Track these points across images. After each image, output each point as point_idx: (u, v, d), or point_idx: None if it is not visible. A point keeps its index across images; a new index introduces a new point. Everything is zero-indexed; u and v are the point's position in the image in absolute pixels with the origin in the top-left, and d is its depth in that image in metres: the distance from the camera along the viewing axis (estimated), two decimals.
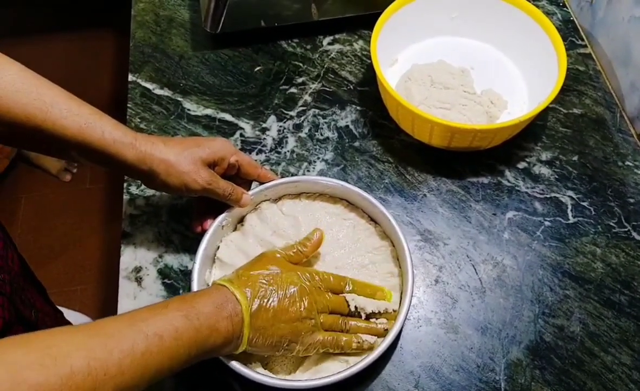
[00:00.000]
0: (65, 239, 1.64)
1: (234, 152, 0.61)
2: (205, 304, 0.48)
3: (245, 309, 0.49)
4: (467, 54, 0.79)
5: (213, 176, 0.58)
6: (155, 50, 0.84)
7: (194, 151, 0.57)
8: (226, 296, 0.49)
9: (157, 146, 0.56)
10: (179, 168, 0.56)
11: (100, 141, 0.53)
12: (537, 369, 0.58)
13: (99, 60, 2.01)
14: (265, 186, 0.63)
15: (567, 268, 0.64)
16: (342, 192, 0.64)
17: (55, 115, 0.51)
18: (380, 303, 0.57)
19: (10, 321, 0.53)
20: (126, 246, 0.66)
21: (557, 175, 0.71)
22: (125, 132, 0.55)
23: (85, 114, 0.53)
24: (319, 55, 0.83)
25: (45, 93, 0.52)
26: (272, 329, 0.50)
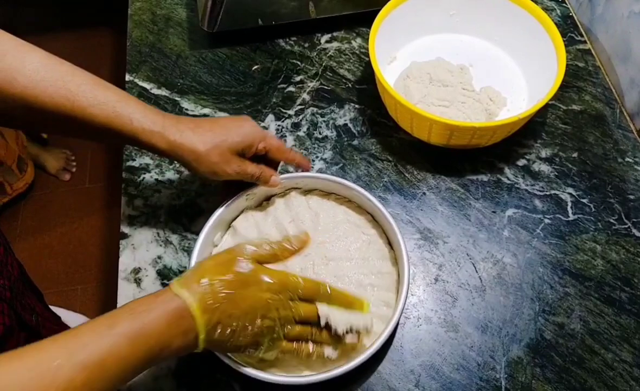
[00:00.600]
0: (65, 239, 1.64)
1: (262, 138, 0.60)
2: (157, 324, 0.44)
3: (202, 329, 0.45)
4: (465, 51, 0.78)
5: (242, 164, 0.58)
6: (153, 49, 0.84)
7: (223, 140, 0.57)
8: (182, 313, 0.45)
9: (186, 134, 0.56)
10: (209, 159, 0.56)
11: (130, 129, 0.54)
12: (538, 367, 0.58)
13: (96, 59, 2.00)
14: (297, 174, 0.64)
15: (567, 265, 0.64)
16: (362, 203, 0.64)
17: (83, 103, 0.51)
18: (353, 322, 0.52)
19: (11, 326, 0.53)
20: (125, 247, 0.66)
21: (557, 172, 0.71)
22: (154, 120, 0.55)
23: (112, 100, 0.53)
24: (317, 54, 0.83)
25: (71, 80, 0.52)
26: (231, 343, 0.48)
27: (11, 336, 0.53)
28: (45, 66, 0.51)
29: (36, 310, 0.61)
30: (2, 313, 0.52)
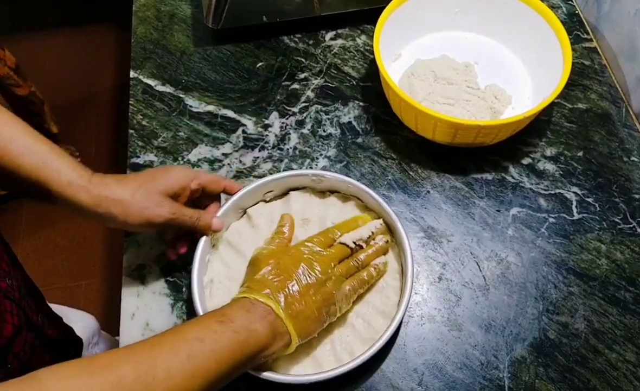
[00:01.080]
0: (68, 235, 1.65)
1: (194, 177, 0.59)
2: (234, 311, 0.49)
3: (276, 306, 0.50)
4: (470, 49, 0.78)
5: (176, 206, 0.56)
6: (157, 46, 0.84)
7: (150, 186, 0.55)
8: (251, 302, 0.50)
9: (111, 187, 0.54)
10: (138, 205, 0.54)
11: (56, 182, 0.52)
12: (541, 366, 0.58)
13: (99, 56, 2.01)
14: (299, 172, 0.64)
15: (571, 264, 0.64)
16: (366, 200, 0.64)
17: (14, 152, 0.50)
18: (369, 225, 0.60)
19: (20, 325, 0.53)
20: (129, 244, 0.66)
21: (562, 171, 0.70)
22: (82, 174, 0.53)
23: (43, 152, 0.52)
24: (321, 51, 0.83)
25: (4, 129, 0.51)
26: (308, 307, 0.51)
27: (19, 336, 0.53)
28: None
29: (43, 310, 0.62)
30: (12, 313, 0.52)
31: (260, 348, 0.48)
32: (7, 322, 0.51)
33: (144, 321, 0.61)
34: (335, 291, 0.54)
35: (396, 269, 0.61)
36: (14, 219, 1.67)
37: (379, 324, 0.57)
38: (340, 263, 0.56)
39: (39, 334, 0.58)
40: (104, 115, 1.72)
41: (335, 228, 0.59)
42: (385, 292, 0.60)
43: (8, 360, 0.52)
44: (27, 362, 0.55)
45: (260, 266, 0.54)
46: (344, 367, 0.52)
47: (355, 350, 0.56)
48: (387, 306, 0.59)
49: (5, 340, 0.50)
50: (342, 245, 0.57)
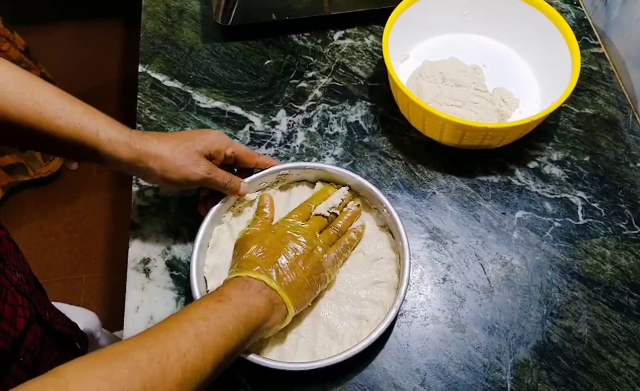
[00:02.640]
0: (71, 227, 1.65)
1: (230, 144, 0.61)
2: (230, 290, 0.50)
3: (269, 280, 0.52)
4: (479, 51, 0.78)
5: (212, 166, 0.59)
6: (166, 41, 0.84)
7: (189, 144, 0.57)
8: (244, 280, 0.52)
9: (152, 142, 0.56)
10: (176, 163, 0.56)
11: (96, 140, 0.53)
12: (544, 370, 0.58)
13: (105, 50, 2.01)
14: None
15: (576, 269, 0.64)
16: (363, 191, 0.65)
17: (50, 115, 0.51)
18: (337, 193, 0.63)
19: (31, 319, 0.54)
20: (134, 238, 0.66)
21: (568, 175, 0.71)
22: (120, 131, 0.55)
23: (79, 112, 0.53)
24: (329, 50, 0.83)
25: (39, 93, 0.52)
26: (299, 278, 0.54)
27: (30, 330, 0.53)
28: (14, 79, 0.51)
29: (47, 306, 0.62)
30: (23, 306, 0.53)
31: (262, 321, 0.50)
32: (19, 315, 0.52)
33: (148, 314, 0.62)
34: (322, 259, 0.56)
35: (394, 264, 0.62)
36: (15, 211, 1.67)
37: (375, 316, 0.58)
38: (321, 233, 0.59)
39: (48, 328, 0.59)
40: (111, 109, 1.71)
41: (309, 202, 0.61)
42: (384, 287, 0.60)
43: (20, 353, 0.52)
44: (38, 356, 0.55)
45: (246, 246, 0.55)
46: (343, 355, 0.53)
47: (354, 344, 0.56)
48: (386, 301, 0.59)
49: (18, 333, 0.51)
50: (319, 216, 0.60)
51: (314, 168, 0.65)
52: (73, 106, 0.53)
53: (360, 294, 0.60)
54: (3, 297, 0.49)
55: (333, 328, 0.58)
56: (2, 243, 0.55)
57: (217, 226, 0.64)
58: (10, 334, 0.49)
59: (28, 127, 0.51)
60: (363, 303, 0.59)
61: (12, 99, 0.50)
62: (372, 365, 0.58)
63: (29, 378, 0.53)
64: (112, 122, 0.55)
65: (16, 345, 0.51)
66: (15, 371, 0.51)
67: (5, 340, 0.48)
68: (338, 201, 0.62)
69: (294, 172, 0.66)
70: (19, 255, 0.59)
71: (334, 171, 0.64)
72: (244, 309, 0.48)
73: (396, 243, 0.62)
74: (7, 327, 0.49)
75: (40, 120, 0.51)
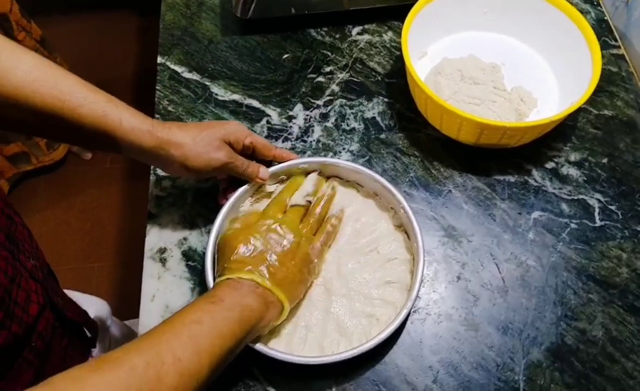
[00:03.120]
0: (83, 217, 1.66)
1: (248, 135, 0.62)
2: (223, 291, 0.51)
3: (262, 280, 0.52)
4: (497, 50, 0.78)
5: (232, 153, 0.60)
6: (185, 33, 0.84)
7: (210, 132, 0.58)
8: (236, 281, 0.52)
9: (173, 131, 0.57)
10: (198, 149, 0.57)
11: (119, 128, 0.54)
12: (557, 371, 0.58)
13: (120, 41, 2.01)
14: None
15: (591, 271, 0.64)
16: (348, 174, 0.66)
17: (73, 103, 0.52)
18: (308, 179, 0.64)
19: (44, 305, 0.55)
20: (151, 227, 0.67)
21: (586, 177, 0.70)
22: (143, 120, 0.56)
23: (102, 101, 0.54)
24: (347, 45, 0.83)
25: (62, 81, 0.52)
26: (290, 272, 0.54)
27: (42, 316, 0.54)
28: (38, 67, 0.51)
29: (59, 293, 0.63)
30: (36, 292, 0.53)
31: (256, 320, 0.50)
32: (32, 301, 0.52)
33: (163, 303, 0.62)
34: (310, 250, 0.57)
35: (408, 265, 0.61)
36: (28, 198, 1.68)
37: (386, 316, 0.58)
38: (301, 222, 0.60)
39: (60, 315, 0.59)
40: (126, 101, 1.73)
41: (282, 195, 0.62)
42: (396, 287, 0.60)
43: (33, 338, 0.53)
44: (49, 342, 0.56)
45: (232, 246, 0.55)
46: (347, 353, 0.53)
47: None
48: (397, 301, 0.59)
49: (32, 318, 0.51)
50: (296, 206, 0.61)
51: (332, 164, 0.65)
52: (96, 94, 0.54)
53: (372, 293, 0.60)
54: (17, 283, 0.50)
55: (343, 325, 0.58)
56: (17, 229, 0.55)
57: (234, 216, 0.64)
58: (23, 319, 0.50)
59: (51, 115, 0.51)
60: (374, 302, 0.59)
61: (37, 87, 0.50)
62: (384, 360, 0.58)
63: (40, 363, 0.54)
64: (134, 111, 0.56)
65: (29, 330, 0.51)
66: (27, 355, 0.51)
67: (18, 324, 0.49)
68: (311, 187, 0.63)
69: (313, 166, 0.66)
70: (32, 242, 0.60)
71: (352, 168, 0.64)
72: (238, 309, 0.49)
73: (411, 244, 0.62)
74: (21, 312, 0.49)
75: (63, 108, 0.51)
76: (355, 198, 0.66)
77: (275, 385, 0.57)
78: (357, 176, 0.65)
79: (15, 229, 0.54)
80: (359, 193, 0.66)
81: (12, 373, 0.50)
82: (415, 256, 0.59)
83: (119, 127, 0.54)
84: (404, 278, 0.60)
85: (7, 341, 0.46)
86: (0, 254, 0.47)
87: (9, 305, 0.47)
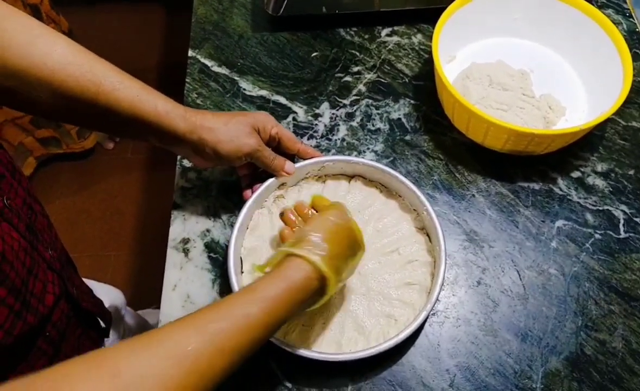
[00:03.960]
0: (102, 206, 1.68)
1: (275, 125, 0.63)
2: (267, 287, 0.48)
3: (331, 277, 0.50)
4: (526, 56, 0.77)
5: (261, 141, 0.61)
6: (216, 28, 0.85)
7: (241, 119, 0.60)
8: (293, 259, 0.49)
9: (206, 116, 0.58)
10: (229, 134, 0.58)
11: (153, 113, 0.55)
12: (575, 381, 0.57)
13: (147, 35, 2.03)
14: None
15: (614, 283, 0.63)
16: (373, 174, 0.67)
17: (108, 87, 0.52)
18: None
19: (60, 295, 0.55)
20: (176, 217, 0.68)
21: (612, 188, 0.70)
22: (176, 105, 0.57)
23: (136, 87, 0.54)
24: (376, 46, 0.83)
25: (96, 66, 0.53)
26: (340, 247, 0.51)
27: (58, 306, 0.55)
28: (73, 52, 0.52)
29: (75, 283, 0.63)
30: (53, 283, 0.53)
31: (300, 306, 0.49)
32: (48, 292, 0.52)
33: (184, 293, 0.63)
34: (356, 231, 0.54)
35: (429, 268, 0.62)
36: (50, 184, 1.71)
37: (404, 317, 0.58)
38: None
39: (74, 306, 0.60)
40: None
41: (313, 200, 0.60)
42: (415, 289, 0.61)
43: (47, 328, 0.53)
44: (63, 331, 0.56)
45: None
46: (364, 352, 0.54)
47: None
48: (416, 303, 0.59)
49: (47, 309, 0.51)
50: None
51: (356, 163, 0.65)
52: (130, 80, 0.54)
53: (392, 293, 0.60)
54: (34, 273, 0.50)
55: (361, 324, 0.58)
56: (37, 219, 0.56)
57: (258, 209, 0.65)
58: (39, 310, 0.50)
59: (86, 100, 0.52)
60: (393, 303, 0.59)
61: (72, 71, 0.51)
62: (401, 361, 0.59)
63: (54, 352, 0.54)
64: (167, 98, 0.57)
65: (44, 320, 0.51)
66: (40, 344, 0.52)
67: (34, 315, 0.49)
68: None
69: (337, 165, 0.66)
70: (52, 231, 0.60)
71: (377, 167, 0.65)
72: (289, 285, 0.47)
73: (433, 247, 0.62)
74: (36, 303, 0.50)
75: (98, 92, 0.52)
76: (378, 198, 0.66)
77: (292, 380, 0.58)
78: (380, 176, 0.66)
79: (35, 219, 0.55)
80: (382, 194, 0.67)
81: (26, 362, 0.51)
82: (437, 259, 0.59)
83: (153, 112, 0.54)
84: (424, 280, 0.60)
85: (22, 331, 0.47)
86: (20, 245, 0.48)
87: (25, 295, 0.47)
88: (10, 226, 0.47)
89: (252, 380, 0.58)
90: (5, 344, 0.45)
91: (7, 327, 0.45)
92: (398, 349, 0.56)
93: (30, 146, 1.60)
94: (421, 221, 0.64)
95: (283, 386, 0.57)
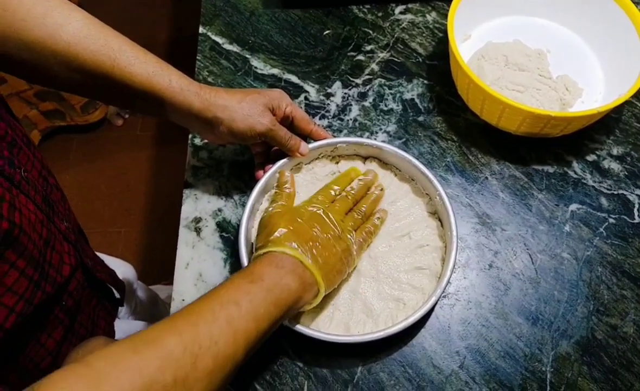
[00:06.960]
0: (112, 182, 1.69)
1: (289, 103, 0.63)
2: (263, 268, 0.49)
3: (305, 259, 0.51)
4: (543, 36, 0.76)
5: (275, 120, 0.60)
6: (227, 4, 0.84)
7: (255, 97, 0.59)
8: (278, 257, 0.50)
9: (220, 93, 0.57)
10: (243, 112, 0.57)
11: (168, 89, 0.54)
12: (585, 365, 0.57)
13: (156, 12, 2.01)
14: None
15: (627, 268, 0.63)
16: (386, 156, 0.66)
17: (123, 62, 0.52)
18: (361, 178, 0.63)
19: (76, 266, 0.56)
20: (187, 196, 0.68)
21: (627, 172, 0.69)
22: (190, 82, 0.56)
23: (151, 62, 0.54)
24: (389, 24, 0.82)
25: (112, 40, 0.52)
26: (331, 258, 0.53)
27: (73, 277, 0.55)
28: (89, 25, 0.52)
29: (89, 255, 0.64)
30: (69, 254, 0.54)
31: (293, 302, 0.49)
32: (65, 262, 0.53)
33: (197, 271, 0.63)
34: (350, 243, 0.56)
35: (440, 253, 0.61)
36: (60, 156, 1.71)
37: (414, 301, 0.58)
38: (347, 215, 0.59)
39: (89, 276, 0.61)
40: None
41: (332, 184, 0.61)
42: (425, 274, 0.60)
43: (64, 297, 0.54)
44: (78, 301, 0.57)
45: (277, 224, 0.54)
46: (372, 335, 0.54)
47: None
48: (426, 288, 0.59)
49: (64, 279, 0.53)
50: (344, 198, 0.60)
51: (371, 145, 0.65)
52: (146, 55, 0.54)
53: (402, 277, 0.60)
54: (52, 245, 0.50)
55: (370, 306, 0.58)
56: (52, 191, 0.56)
57: (269, 191, 0.64)
58: (56, 280, 0.51)
59: (101, 74, 0.52)
60: (403, 287, 0.59)
61: (87, 44, 0.51)
62: (412, 342, 0.59)
63: (70, 321, 0.55)
64: (182, 74, 0.56)
65: (61, 289, 0.52)
66: (58, 313, 0.53)
67: (52, 285, 0.50)
68: (359, 183, 0.62)
69: (350, 147, 0.66)
70: (65, 203, 0.61)
71: (390, 150, 0.64)
72: (277, 290, 0.48)
73: (444, 233, 0.61)
74: (54, 273, 0.51)
75: (113, 66, 0.52)
76: (392, 181, 0.66)
77: (303, 360, 0.58)
78: (394, 159, 0.65)
79: (50, 191, 0.55)
80: (396, 177, 0.66)
81: (45, 331, 0.51)
82: (448, 245, 0.59)
83: (168, 88, 0.54)
84: (434, 265, 0.60)
85: (41, 301, 0.48)
86: (37, 217, 0.48)
87: (44, 266, 0.48)
88: (28, 198, 0.48)
89: (264, 358, 0.58)
90: (26, 313, 0.46)
91: (28, 296, 0.46)
92: (408, 331, 0.56)
93: (35, 119, 1.61)
94: (434, 206, 0.63)
95: (294, 364, 0.58)
